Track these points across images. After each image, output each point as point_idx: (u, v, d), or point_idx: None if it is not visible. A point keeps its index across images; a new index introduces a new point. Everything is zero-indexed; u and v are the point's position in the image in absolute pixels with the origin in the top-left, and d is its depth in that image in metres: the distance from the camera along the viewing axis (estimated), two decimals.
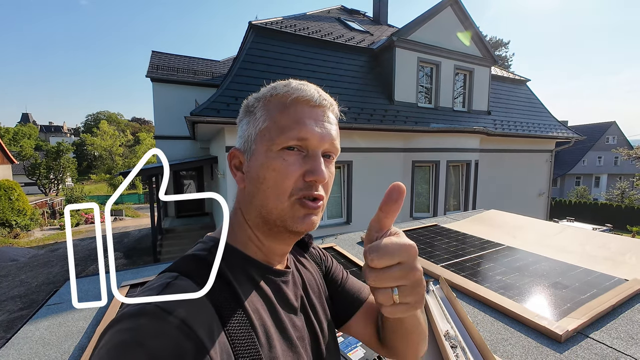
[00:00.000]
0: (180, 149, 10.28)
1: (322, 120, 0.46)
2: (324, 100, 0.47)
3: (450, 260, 1.67)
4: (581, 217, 15.45)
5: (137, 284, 1.42)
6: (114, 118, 60.17)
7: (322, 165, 0.44)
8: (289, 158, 0.44)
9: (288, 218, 0.44)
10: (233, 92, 5.39)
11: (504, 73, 10.23)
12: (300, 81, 0.49)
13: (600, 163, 28.88)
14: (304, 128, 0.43)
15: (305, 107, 0.45)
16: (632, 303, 1.20)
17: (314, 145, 0.44)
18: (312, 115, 0.45)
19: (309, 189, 0.44)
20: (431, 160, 6.98)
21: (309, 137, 0.44)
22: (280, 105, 0.45)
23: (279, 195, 0.44)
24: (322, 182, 0.45)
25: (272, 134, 0.44)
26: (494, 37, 30.97)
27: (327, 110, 0.47)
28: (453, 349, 0.93)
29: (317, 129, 0.44)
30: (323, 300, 0.59)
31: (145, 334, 0.31)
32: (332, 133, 0.46)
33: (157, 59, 10.91)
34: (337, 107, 0.51)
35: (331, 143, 0.46)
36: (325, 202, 0.48)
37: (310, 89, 0.47)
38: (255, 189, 0.45)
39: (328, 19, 8.88)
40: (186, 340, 0.32)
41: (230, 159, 0.50)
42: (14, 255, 9.44)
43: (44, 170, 23.52)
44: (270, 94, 0.47)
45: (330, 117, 0.48)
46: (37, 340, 1.05)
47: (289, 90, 0.46)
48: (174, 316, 0.33)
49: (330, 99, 0.49)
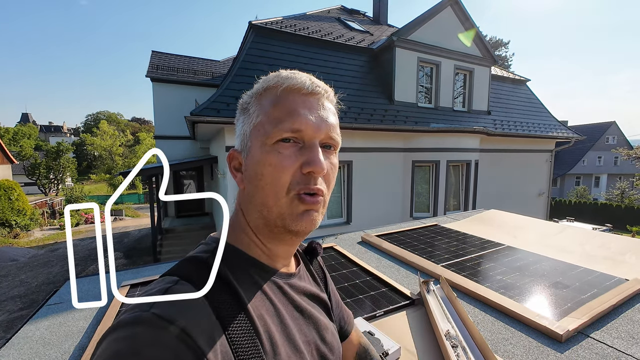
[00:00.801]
0: (180, 148, 10.28)
1: (317, 108, 0.43)
2: (317, 87, 0.44)
3: (451, 260, 1.67)
4: (581, 217, 15.45)
5: (137, 284, 1.41)
6: (113, 118, 60.16)
7: (320, 155, 0.42)
8: (284, 151, 0.42)
9: (287, 216, 0.42)
10: (233, 92, 5.39)
11: (504, 73, 10.23)
12: (290, 70, 0.46)
13: (600, 163, 28.88)
14: (297, 118, 0.41)
15: (298, 95, 0.43)
16: (633, 303, 1.20)
17: (310, 136, 0.42)
18: (305, 104, 0.43)
19: (307, 182, 0.42)
20: (431, 160, 6.98)
21: (303, 128, 0.42)
22: (272, 97, 0.44)
23: (277, 191, 0.42)
24: (320, 173, 0.42)
25: (266, 127, 0.42)
26: (494, 37, 30.98)
27: (322, 98, 0.45)
28: (454, 349, 0.93)
29: (311, 117, 0.42)
30: (327, 305, 0.57)
31: (142, 343, 0.30)
32: (328, 121, 0.44)
33: (157, 59, 10.91)
34: (334, 93, 0.48)
35: (328, 132, 0.44)
36: (328, 197, 0.46)
37: (301, 76, 0.44)
38: (253, 188, 0.44)
39: (328, 18, 8.88)
40: (185, 350, 0.31)
41: (229, 160, 0.48)
42: (13, 255, 9.44)
43: (43, 170, 23.52)
44: (263, 88, 0.46)
45: (326, 104, 0.45)
46: (38, 340, 1.05)
47: (279, 81, 0.44)
48: (172, 324, 0.32)
49: (325, 85, 0.47)
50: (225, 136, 5.49)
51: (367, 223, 6.54)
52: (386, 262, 1.73)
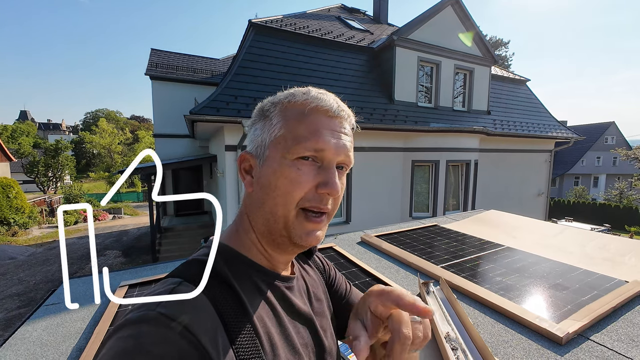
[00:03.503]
0: (179, 147, 10.26)
1: (339, 131, 0.45)
2: (342, 111, 0.46)
3: (451, 261, 1.67)
4: (579, 217, 15.49)
5: (136, 284, 1.41)
6: (112, 116, 59.94)
7: (336, 178, 0.44)
8: (303, 168, 0.43)
9: (293, 229, 0.44)
10: (233, 90, 5.37)
11: (503, 73, 10.23)
12: (319, 90, 0.48)
13: (599, 163, 28.95)
14: (321, 139, 0.43)
15: (324, 117, 0.44)
16: (633, 305, 1.20)
17: (330, 157, 0.44)
18: (329, 125, 0.44)
19: (319, 201, 0.43)
20: (431, 160, 6.98)
21: (325, 149, 0.43)
22: (298, 113, 0.45)
23: (287, 203, 0.43)
24: (335, 195, 0.44)
25: (288, 142, 0.43)
26: (494, 37, 30.96)
27: (344, 122, 0.47)
28: (454, 351, 0.92)
29: (333, 140, 0.44)
30: (326, 308, 0.58)
31: (148, 341, 0.31)
32: (347, 145, 0.46)
33: (156, 57, 10.86)
34: (354, 117, 0.50)
35: (346, 155, 0.45)
36: (334, 213, 0.47)
37: (329, 99, 0.46)
38: (265, 196, 0.45)
39: (328, 17, 8.85)
40: (190, 348, 0.32)
41: (240, 161, 0.49)
42: (12, 253, 9.42)
43: (42, 168, 23.45)
44: (288, 100, 0.46)
45: (347, 128, 0.47)
46: (35, 342, 1.04)
47: (308, 99, 0.45)
48: (177, 323, 0.33)
49: (348, 109, 0.48)
50: (224, 135, 5.48)
51: (367, 222, 6.54)
52: (386, 262, 1.72)
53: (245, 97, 5.38)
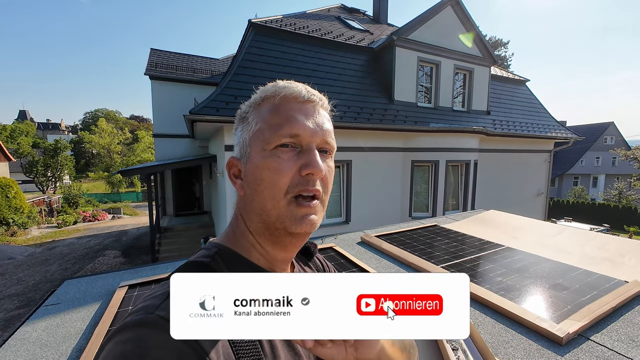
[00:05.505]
0: (179, 147, 10.24)
1: (313, 115, 0.46)
2: (312, 95, 0.47)
3: (451, 261, 1.67)
4: (579, 217, 15.50)
5: (136, 284, 1.41)
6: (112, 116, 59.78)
7: (318, 158, 0.44)
8: (283, 155, 0.44)
9: (286, 219, 0.44)
10: (232, 90, 5.36)
11: (503, 73, 10.24)
12: (287, 80, 0.49)
13: (598, 163, 28.99)
14: (295, 124, 0.44)
15: (294, 103, 0.45)
16: (632, 305, 1.20)
17: (307, 140, 0.44)
18: (302, 110, 0.45)
19: (305, 184, 0.43)
20: (430, 160, 6.98)
21: (300, 133, 0.44)
22: (270, 105, 0.46)
23: (275, 194, 0.43)
24: (319, 175, 0.44)
25: (265, 133, 0.45)
26: (494, 37, 30.98)
27: (317, 106, 0.47)
28: (454, 352, 0.92)
29: (308, 123, 0.45)
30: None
31: (147, 345, 0.31)
32: (324, 127, 0.46)
33: (155, 57, 10.84)
34: (328, 102, 0.51)
35: (324, 137, 0.46)
36: (327, 199, 0.47)
37: (297, 86, 0.47)
38: (253, 192, 0.45)
39: (328, 17, 8.85)
40: (189, 351, 0.32)
41: (229, 168, 0.50)
42: (11, 253, 9.39)
43: (41, 168, 23.39)
44: (261, 98, 0.48)
45: (321, 112, 0.48)
46: (35, 342, 1.03)
47: (277, 90, 0.46)
48: None
49: (320, 94, 0.49)
50: (224, 135, 5.47)
51: (366, 222, 6.54)
52: (386, 262, 1.72)
53: (245, 97, 5.15)
